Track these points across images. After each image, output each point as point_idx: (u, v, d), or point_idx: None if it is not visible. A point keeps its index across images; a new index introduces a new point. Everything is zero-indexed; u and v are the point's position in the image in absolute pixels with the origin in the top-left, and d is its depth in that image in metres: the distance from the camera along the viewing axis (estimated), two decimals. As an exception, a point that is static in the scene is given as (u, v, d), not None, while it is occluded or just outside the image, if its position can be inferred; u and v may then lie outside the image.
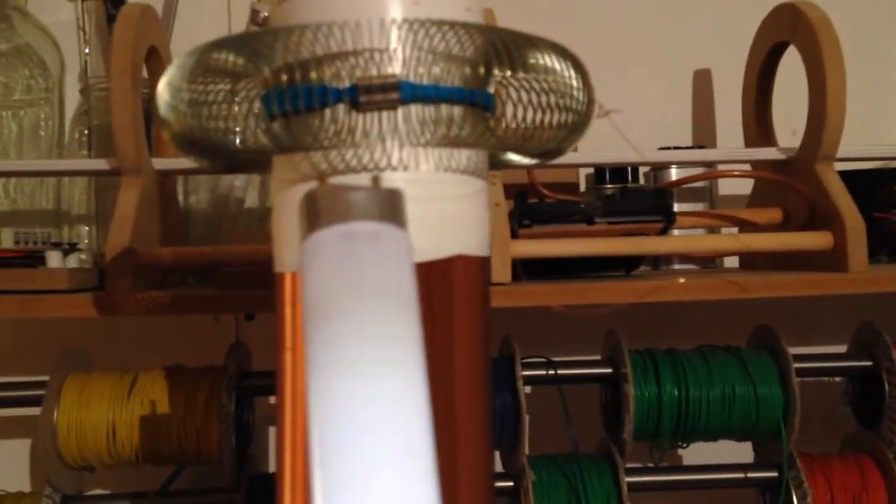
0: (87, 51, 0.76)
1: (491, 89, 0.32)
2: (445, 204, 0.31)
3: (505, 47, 0.31)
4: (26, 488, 0.77)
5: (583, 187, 0.83)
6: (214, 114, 0.30)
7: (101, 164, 0.62)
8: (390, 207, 0.23)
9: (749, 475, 0.65)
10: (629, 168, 0.78)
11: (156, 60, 0.66)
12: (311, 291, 0.22)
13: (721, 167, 0.76)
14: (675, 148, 0.78)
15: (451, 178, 0.31)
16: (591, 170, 0.82)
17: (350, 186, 0.23)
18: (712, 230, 0.76)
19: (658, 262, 0.79)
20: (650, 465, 0.68)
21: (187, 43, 0.74)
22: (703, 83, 0.88)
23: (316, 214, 0.22)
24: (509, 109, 0.31)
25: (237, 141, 0.30)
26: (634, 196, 0.61)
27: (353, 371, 0.21)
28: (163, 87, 0.29)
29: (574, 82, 0.31)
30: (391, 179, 0.30)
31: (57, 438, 0.59)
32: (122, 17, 0.59)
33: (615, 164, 0.72)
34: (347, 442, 0.21)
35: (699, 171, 0.75)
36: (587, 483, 0.62)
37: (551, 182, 0.66)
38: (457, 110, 0.30)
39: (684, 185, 0.74)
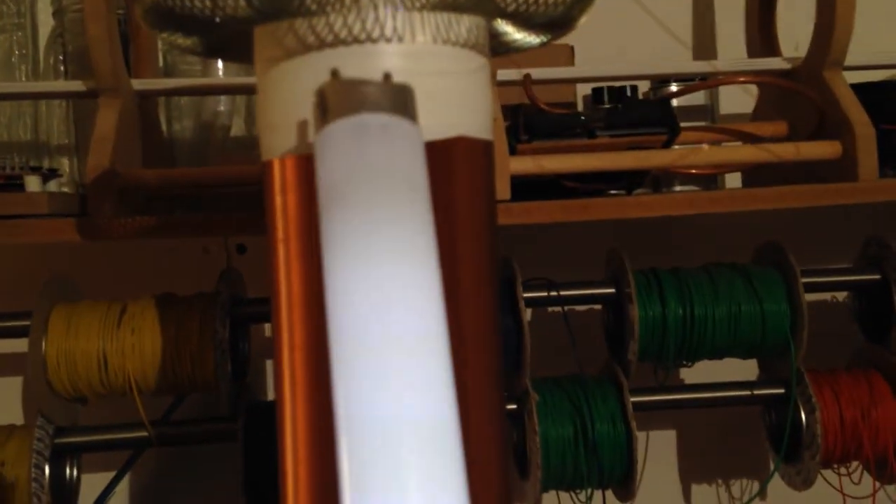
0: (58, -31, 0.72)
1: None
2: (445, 79, 0.28)
3: None
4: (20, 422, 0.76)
5: (580, 108, 0.81)
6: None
7: (77, 85, 0.59)
8: (401, 101, 0.24)
9: (756, 392, 0.64)
10: (628, 86, 0.76)
11: (131, -24, 0.63)
12: (326, 181, 0.23)
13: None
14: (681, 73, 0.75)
15: (451, 52, 0.28)
16: (589, 91, 0.80)
17: (362, 81, 0.23)
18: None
19: (659, 183, 0.76)
20: (654, 385, 0.67)
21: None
22: (703, -2, 0.85)
23: (328, 108, 0.23)
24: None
25: (214, 8, 0.27)
26: (637, 107, 0.59)
27: (368, 254, 0.22)
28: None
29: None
30: (385, 52, 0.27)
31: (47, 369, 0.57)
32: (92, -76, 0.55)
33: (615, 77, 0.70)
34: (362, 323, 0.21)
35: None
36: (592, 404, 0.61)
37: (547, 102, 0.64)
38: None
39: (686, 96, 0.72)
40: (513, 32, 0.31)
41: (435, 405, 0.21)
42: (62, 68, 0.73)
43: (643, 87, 0.77)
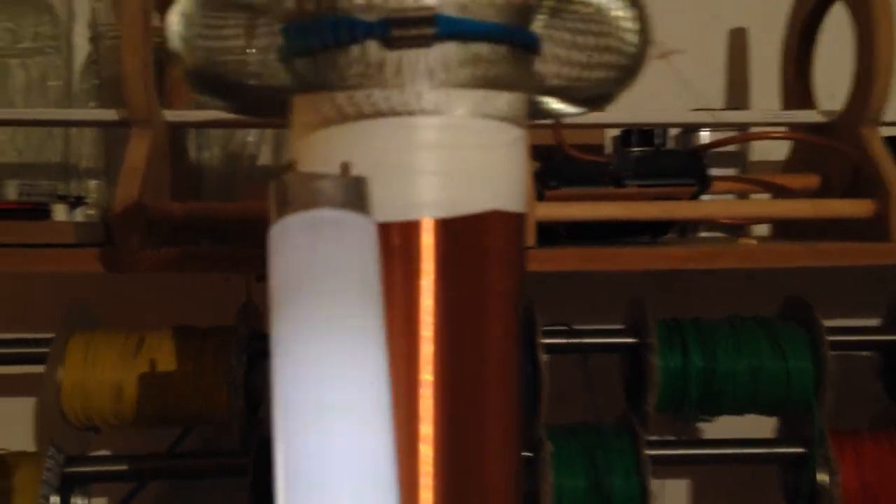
0: (96, -3, 0.72)
1: (533, 26, 0.29)
2: (481, 153, 0.28)
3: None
4: (30, 447, 0.76)
5: (607, 150, 0.80)
6: (231, 48, 0.27)
7: (109, 114, 0.59)
8: (356, 195, 0.24)
9: (775, 451, 0.63)
10: (657, 130, 0.75)
11: (168, 6, 0.63)
12: (277, 275, 0.23)
13: (755, 130, 0.73)
14: (709, 109, 0.74)
15: (488, 125, 0.28)
16: (617, 132, 0.79)
17: (318, 174, 0.24)
18: (742, 196, 0.73)
19: (684, 228, 0.76)
20: (671, 438, 0.66)
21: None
22: (738, 43, 0.84)
23: (285, 200, 0.23)
24: (553, 48, 0.29)
25: (255, 78, 0.27)
26: (667, 157, 0.58)
27: (314, 351, 0.23)
28: (175, 18, 0.27)
29: (627, 19, 0.28)
30: (423, 125, 0.27)
31: (61, 397, 0.57)
32: (132, -42, 0.55)
33: (645, 124, 0.69)
34: (306, 416, 0.22)
35: (733, 134, 0.72)
36: (607, 455, 0.60)
37: (575, 144, 0.63)
38: (496, 48, 0.27)
39: (716, 149, 0.71)
40: (552, 103, 0.31)
41: (368, 463, 0.22)
42: (95, 91, 0.73)
43: (673, 129, 0.76)
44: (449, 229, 0.28)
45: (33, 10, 0.73)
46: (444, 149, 0.27)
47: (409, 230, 0.27)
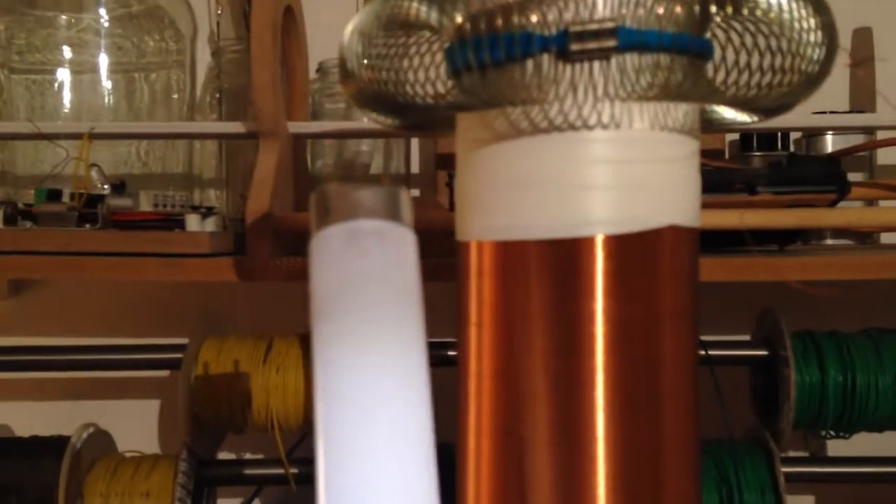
0: (219, 12, 0.74)
1: (707, 33, 0.28)
2: (660, 167, 0.27)
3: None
4: (154, 447, 0.78)
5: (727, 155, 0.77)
6: (403, 66, 0.27)
7: (236, 126, 0.61)
8: (395, 205, 0.24)
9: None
10: (779, 134, 0.72)
11: (289, 20, 0.65)
12: (319, 285, 0.23)
13: (882, 133, 0.69)
14: (832, 112, 0.71)
15: (667, 138, 0.27)
16: (737, 136, 0.77)
17: (358, 186, 0.24)
18: (870, 202, 0.70)
19: (808, 235, 0.73)
20: (805, 454, 0.63)
21: (316, 4, 0.72)
22: (863, 42, 0.80)
23: (326, 211, 0.24)
24: (730, 57, 0.27)
25: (427, 96, 0.27)
26: (803, 164, 0.56)
27: (356, 363, 0.23)
28: (353, 38, 0.27)
29: (811, 25, 0.27)
30: (599, 139, 0.26)
31: (194, 403, 0.58)
32: (260, -27, 0.57)
33: (768, 129, 0.67)
34: (348, 428, 0.22)
35: (858, 137, 0.69)
36: (740, 472, 0.58)
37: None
38: (674, 59, 0.26)
39: (840, 143, 0.68)
40: (726, 112, 0.30)
41: (409, 481, 0.22)
42: (216, 103, 0.76)
43: (793, 132, 0.73)
44: (622, 246, 0.27)
45: (157, 26, 0.75)
46: (620, 163, 0.26)
47: (582, 247, 0.27)
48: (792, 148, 0.74)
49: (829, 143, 0.73)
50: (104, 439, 0.63)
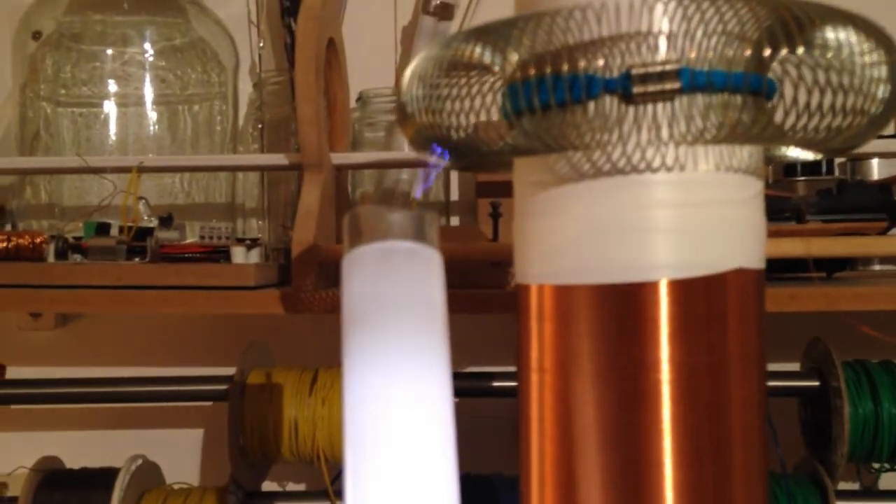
0: (261, 44, 0.76)
1: (773, 73, 0.27)
2: (725, 209, 0.26)
3: (794, 20, 0.26)
4: (196, 477, 0.78)
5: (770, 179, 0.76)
6: (465, 109, 0.27)
7: (279, 158, 0.61)
8: (424, 228, 0.25)
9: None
10: (824, 159, 0.71)
11: (331, 52, 0.65)
12: (350, 301, 0.24)
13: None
14: (880, 137, 0.70)
15: (732, 179, 0.27)
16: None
17: (388, 209, 0.25)
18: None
19: (855, 261, 0.71)
20: (857, 487, 0.62)
21: (355, 34, 0.73)
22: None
23: (358, 231, 0.25)
24: (794, 96, 0.27)
25: (488, 140, 0.27)
26: (855, 192, 0.55)
27: (384, 377, 0.24)
28: (413, 82, 0.27)
29: (877, 63, 0.26)
30: (663, 181, 0.26)
31: (240, 433, 0.58)
32: (305, 6, 0.57)
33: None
34: (374, 444, 0.24)
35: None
36: (792, 506, 0.57)
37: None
38: (739, 100, 0.26)
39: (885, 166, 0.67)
40: (789, 151, 0.29)
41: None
42: (258, 134, 0.76)
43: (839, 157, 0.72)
44: (687, 291, 0.26)
45: (200, 59, 0.76)
46: (685, 206, 0.26)
47: (646, 292, 0.26)
48: (837, 172, 0.73)
49: (876, 168, 0.72)
50: (152, 470, 0.63)
